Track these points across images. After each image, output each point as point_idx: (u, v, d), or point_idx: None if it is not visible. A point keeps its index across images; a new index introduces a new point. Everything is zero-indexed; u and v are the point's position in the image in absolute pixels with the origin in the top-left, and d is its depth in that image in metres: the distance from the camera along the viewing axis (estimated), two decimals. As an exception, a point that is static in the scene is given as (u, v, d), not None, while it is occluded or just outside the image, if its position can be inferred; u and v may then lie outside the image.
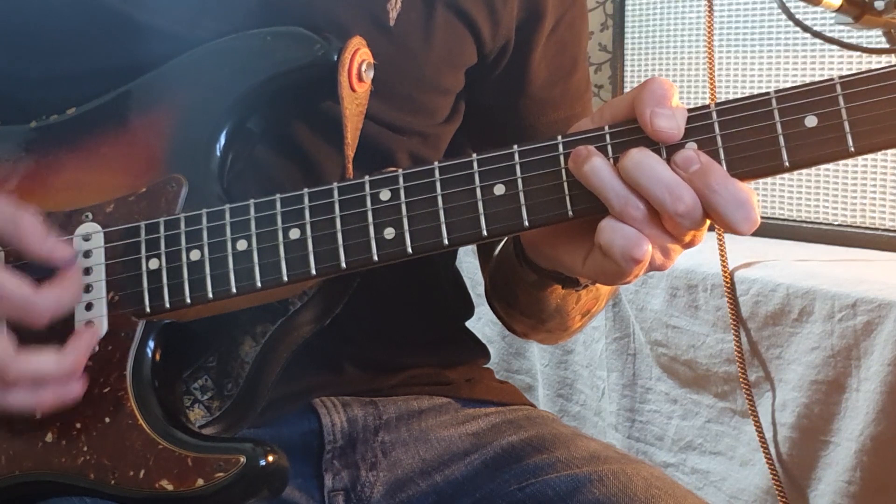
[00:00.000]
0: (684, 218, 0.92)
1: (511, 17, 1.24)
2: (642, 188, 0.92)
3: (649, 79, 0.95)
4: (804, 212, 2.05)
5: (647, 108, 0.93)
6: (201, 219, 1.03)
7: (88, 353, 1.02)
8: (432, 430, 1.28)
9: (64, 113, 1.11)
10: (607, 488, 1.16)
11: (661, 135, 0.93)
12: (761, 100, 0.94)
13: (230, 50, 1.08)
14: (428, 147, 1.24)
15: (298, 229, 1.00)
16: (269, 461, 1.01)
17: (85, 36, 1.12)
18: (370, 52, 1.08)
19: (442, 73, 1.22)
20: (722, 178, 0.92)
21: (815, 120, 0.92)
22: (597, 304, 1.27)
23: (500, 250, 1.28)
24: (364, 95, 1.09)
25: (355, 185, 1.00)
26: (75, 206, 1.07)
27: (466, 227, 0.98)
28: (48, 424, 1.04)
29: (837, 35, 1.75)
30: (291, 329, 1.07)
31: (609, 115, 0.97)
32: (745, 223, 0.92)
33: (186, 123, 1.07)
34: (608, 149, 0.95)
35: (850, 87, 0.92)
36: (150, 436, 1.02)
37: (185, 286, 1.02)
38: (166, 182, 1.06)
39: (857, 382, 1.74)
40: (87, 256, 1.05)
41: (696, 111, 0.95)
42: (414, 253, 0.99)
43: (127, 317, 1.04)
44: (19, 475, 1.04)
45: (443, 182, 0.98)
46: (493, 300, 1.34)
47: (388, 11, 1.17)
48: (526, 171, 0.97)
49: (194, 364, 1.08)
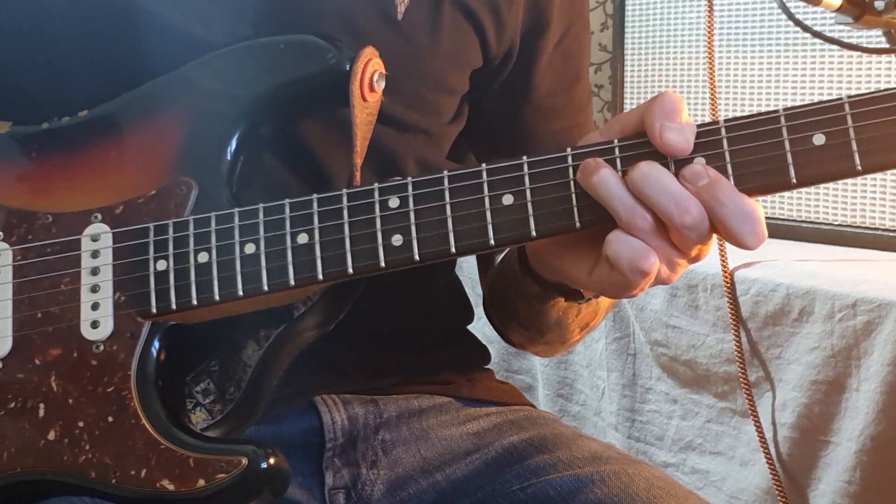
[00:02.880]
0: (691, 230, 0.93)
1: (516, 22, 1.24)
2: (650, 200, 0.93)
3: (659, 93, 0.96)
4: (804, 212, 2.05)
5: (657, 121, 0.94)
6: (210, 221, 1.03)
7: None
8: (433, 429, 1.28)
9: (76, 115, 1.11)
10: (609, 488, 1.16)
11: (670, 148, 0.94)
12: (770, 117, 0.94)
13: (243, 56, 1.09)
14: (432, 147, 1.25)
15: (307, 234, 1.01)
16: (270, 463, 1.01)
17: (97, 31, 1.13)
18: (382, 63, 1.08)
19: (448, 72, 1.23)
20: (730, 193, 0.92)
21: (823, 138, 0.93)
22: (595, 317, 1.28)
23: (501, 261, 1.29)
24: (375, 105, 1.09)
25: (364, 192, 1.00)
26: (85, 207, 1.07)
27: (474, 236, 0.98)
28: (51, 422, 1.04)
29: (837, 35, 1.75)
30: (295, 334, 1.08)
31: (618, 129, 0.98)
32: (752, 237, 0.92)
33: (197, 127, 1.08)
34: (617, 161, 0.96)
35: (858, 106, 0.93)
36: (152, 436, 1.02)
37: (192, 288, 1.02)
38: (176, 185, 1.06)
39: (857, 382, 1.74)
40: (95, 257, 1.05)
41: (704, 126, 0.96)
42: (421, 260, 0.99)
43: (133, 317, 1.04)
44: (20, 472, 1.04)
45: (451, 190, 0.99)
46: (490, 311, 1.35)
47: (396, 6, 1.18)
48: (535, 182, 0.97)
49: (197, 367, 1.08)
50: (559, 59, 1.29)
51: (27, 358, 1.05)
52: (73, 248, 1.06)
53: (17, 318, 1.06)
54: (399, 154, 1.22)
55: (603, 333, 2.16)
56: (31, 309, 1.06)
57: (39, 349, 1.05)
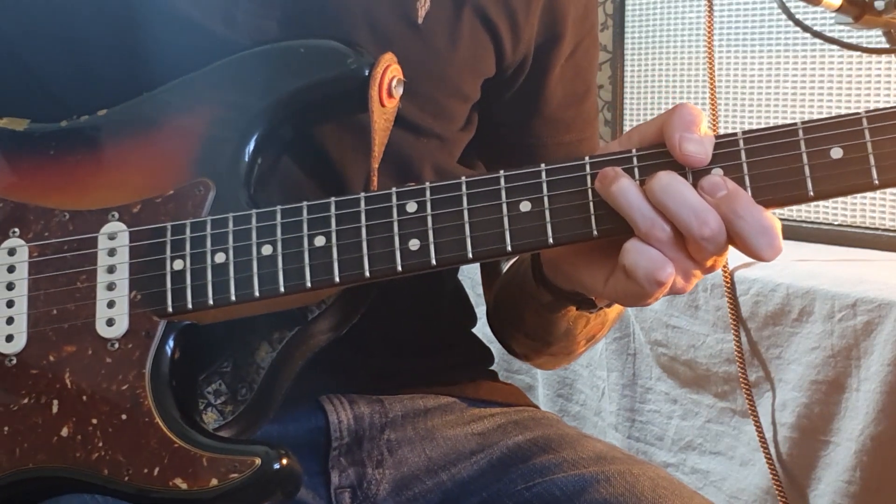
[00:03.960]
0: (709, 242, 0.93)
1: (532, 33, 1.25)
2: (669, 211, 0.93)
3: (679, 104, 0.96)
4: (804, 212, 2.06)
5: (677, 132, 0.94)
6: (227, 222, 1.03)
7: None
8: (438, 429, 1.28)
9: (95, 114, 1.11)
10: (614, 488, 1.17)
11: (690, 159, 0.94)
12: (788, 130, 0.95)
13: (263, 60, 1.09)
14: (445, 153, 1.25)
15: (324, 237, 1.01)
16: (283, 464, 1.01)
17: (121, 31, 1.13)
18: (400, 69, 1.09)
19: (464, 78, 1.23)
20: (748, 205, 0.93)
21: (841, 152, 0.93)
22: (602, 329, 1.28)
23: (507, 271, 1.29)
24: (392, 111, 1.10)
25: (382, 196, 1.01)
26: (102, 205, 1.07)
27: (491, 242, 0.99)
28: (64, 419, 1.04)
29: (837, 35, 1.76)
30: (308, 337, 1.08)
31: (637, 139, 0.98)
32: (769, 250, 0.93)
33: (216, 129, 1.08)
34: (635, 171, 0.96)
35: (876, 121, 0.93)
36: (166, 434, 1.02)
37: (208, 287, 1.03)
38: (194, 185, 1.07)
39: (857, 382, 1.74)
40: (112, 255, 1.06)
41: (722, 138, 0.96)
42: (438, 265, 0.99)
43: (148, 316, 1.04)
44: (33, 468, 1.04)
45: (469, 196, 0.99)
46: (494, 321, 1.35)
47: (416, 9, 1.18)
48: (552, 190, 0.98)
49: (210, 368, 1.08)
50: (570, 73, 1.30)
51: (42, 354, 1.05)
52: (89, 245, 1.06)
53: (32, 314, 1.06)
54: (415, 158, 1.22)
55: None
56: (46, 305, 1.06)
57: (54, 346, 1.05)
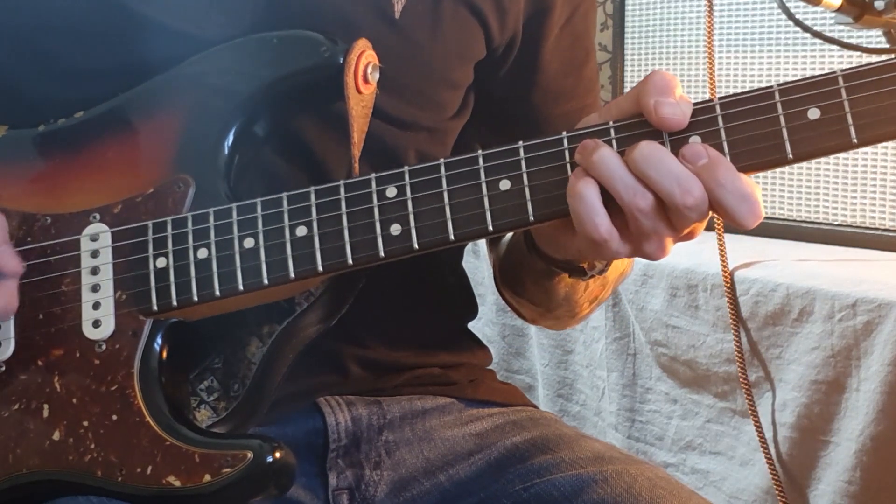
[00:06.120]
0: (692, 210, 0.93)
1: (518, 10, 1.24)
2: (651, 180, 0.93)
3: (652, 72, 0.96)
4: (804, 212, 2.05)
5: (651, 98, 0.94)
6: (208, 217, 1.03)
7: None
8: (436, 429, 1.28)
9: (72, 116, 1.12)
10: (612, 488, 1.16)
11: (667, 122, 0.94)
12: (764, 93, 0.94)
13: (237, 53, 1.09)
14: (435, 143, 1.25)
15: (305, 226, 1.01)
16: (276, 457, 1.01)
17: (92, 34, 1.13)
18: (376, 54, 1.09)
19: (451, 66, 1.22)
20: (729, 173, 0.93)
21: (818, 112, 0.93)
22: (604, 290, 1.28)
23: (510, 237, 1.28)
24: (370, 97, 1.09)
25: (361, 182, 1.01)
26: (83, 207, 1.08)
27: (472, 223, 0.98)
28: (55, 422, 1.04)
29: (837, 35, 1.76)
30: (298, 329, 1.08)
31: (616, 112, 0.98)
32: (750, 217, 0.93)
33: (194, 125, 1.08)
34: (613, 143, 0.96)
35: (852, 79, 0.93)
36: (157, 432, 1.02)
37: (192, 284, 1.03)
38: (173, 182, 1.07)
39: (857, 382, 1.74)
40: (95, 256, 1.06)
41: (699, 105, 0.95)
42: (420, 249, 0.99)
43: (134, 315, 1.04)
44: (27, 473, 1.04)
45: (448, 178, 0.99)
46: (501, 287, 1.35)
47: (393, 4, 1.18)
48: (531, 167, 0.98)
49: (201, 365, 1.08)
50: (567, 40, 1.29)
51: (30, 359, 1.06)
52: (72, 248, 1.07)
53: (19, 320, 1.06)
54: (400, 151, 1.21)
55: (603, 333, 2.16)
56: (32, 310, 1.06)
57: (42, 350, 1.05)
